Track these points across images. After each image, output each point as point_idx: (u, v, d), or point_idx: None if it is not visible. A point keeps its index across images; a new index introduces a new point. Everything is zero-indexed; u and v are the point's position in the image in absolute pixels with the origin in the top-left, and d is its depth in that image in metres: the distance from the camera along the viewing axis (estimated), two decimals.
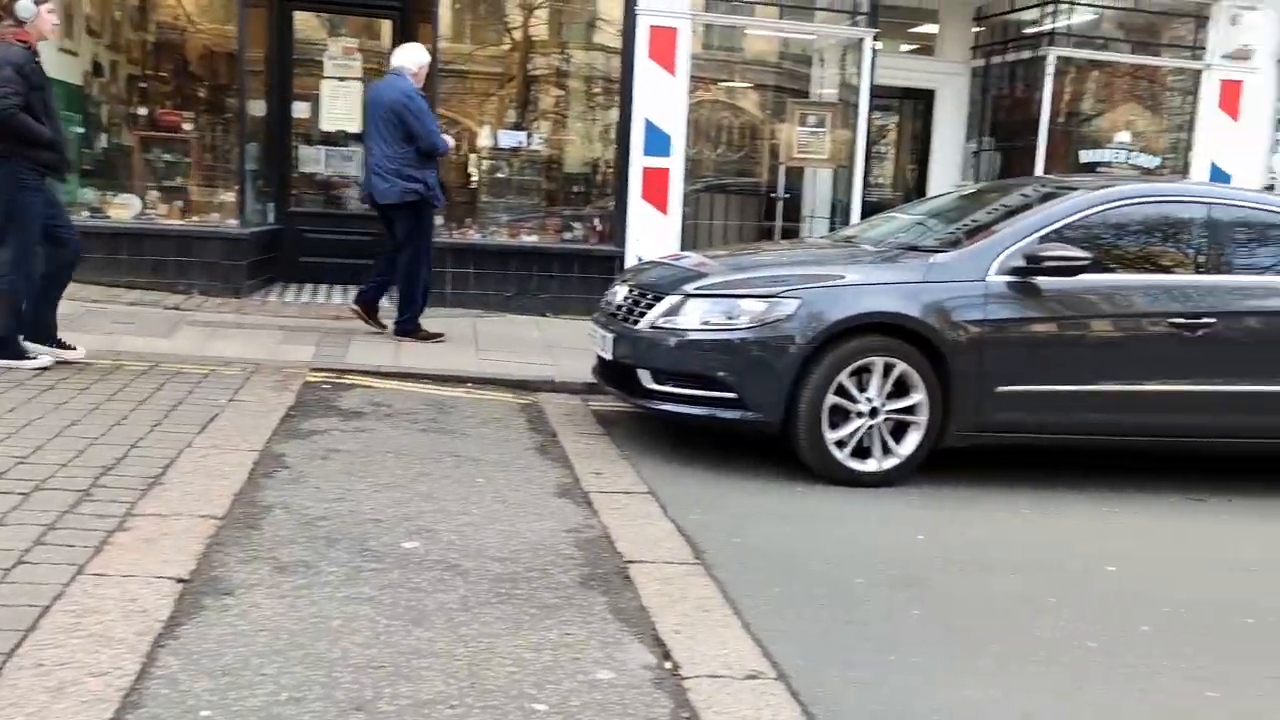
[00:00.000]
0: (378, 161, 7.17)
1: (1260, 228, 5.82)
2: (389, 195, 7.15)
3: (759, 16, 10.30)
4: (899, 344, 5.10)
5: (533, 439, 5.47)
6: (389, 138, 7.10)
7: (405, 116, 7.04)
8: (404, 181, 7.10)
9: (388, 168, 7.12)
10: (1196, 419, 5.47)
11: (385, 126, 7.10)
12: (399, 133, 7.08)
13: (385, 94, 7.13)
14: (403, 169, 7.10)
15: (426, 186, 7.18)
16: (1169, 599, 3.94)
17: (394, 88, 7.11)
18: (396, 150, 7.10)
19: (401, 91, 7.07)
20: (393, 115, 7.06)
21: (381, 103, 7.11)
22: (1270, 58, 10.27)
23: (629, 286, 5.73)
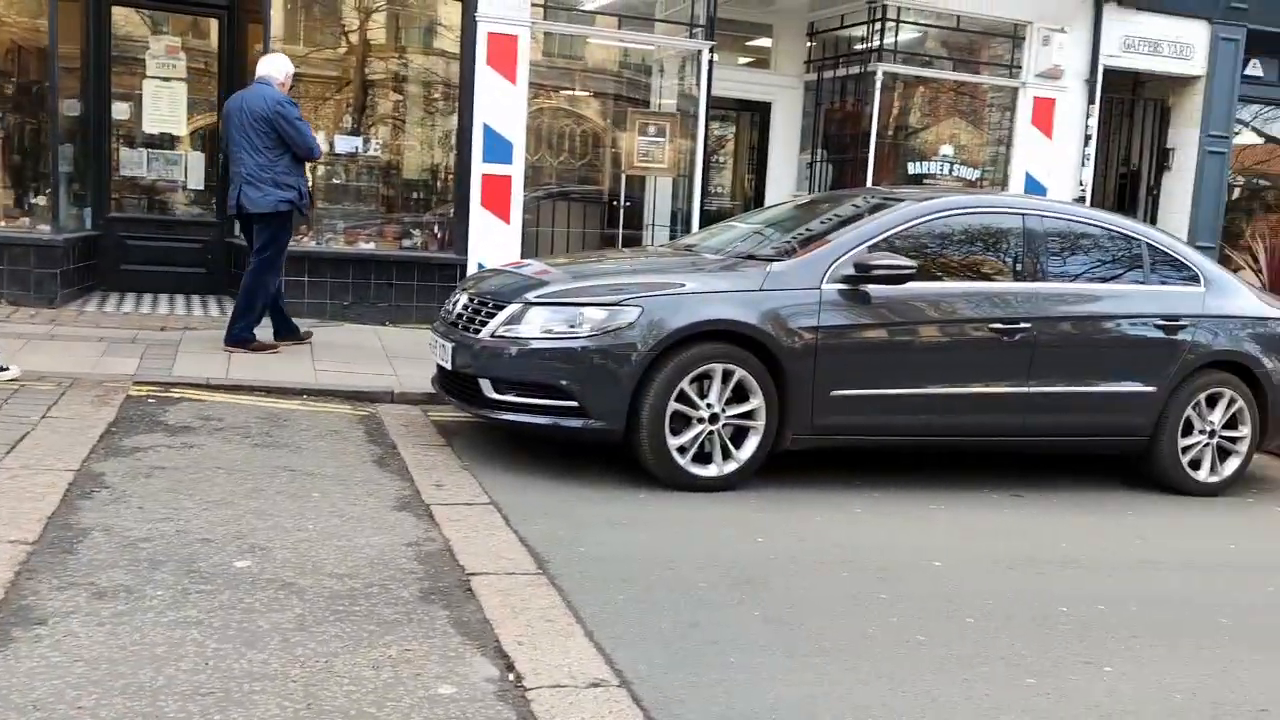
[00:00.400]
0: (249, 171, 7.06)
1: (1072, 237, 6.18)
2: (262, 204, 7.06)
3: (599, 26, 10.36)
4: (738, 351, 5.20)
5: (371, 451, 5.35)
6: (260, 146, 7.03)
7: (279, 124, 7.00)
8: (278, 190, 7.04)
9: (261, 176, 7.04)
10: (1016, 419, 5.76)
11: (255, 135, 7.02)
12: (270, 141, 7.02)
13: (254, 103, 7.05)
14: (277, 177, 7.05)
15: (300, 195, 7.16)
16: (991, 592, 4.14)
17: (263, 96, 7.06)
18: (269, 158, 7.04)
19: (273, 100, 7.03)
20: (264, 124, 7.01)
21: (250, 111, 7.03)
22: (1078, 77, 10.93)
23: (469, 295, 5.67)
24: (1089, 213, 6.86)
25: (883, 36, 10.36)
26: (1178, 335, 5.99)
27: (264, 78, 7.20)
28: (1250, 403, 6.15)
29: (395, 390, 6.53)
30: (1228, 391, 6.11)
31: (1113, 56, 10.97)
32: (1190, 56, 11.24)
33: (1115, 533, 5.23)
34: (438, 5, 9.71)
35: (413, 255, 9.38)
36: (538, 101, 10.57)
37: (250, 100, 7.10)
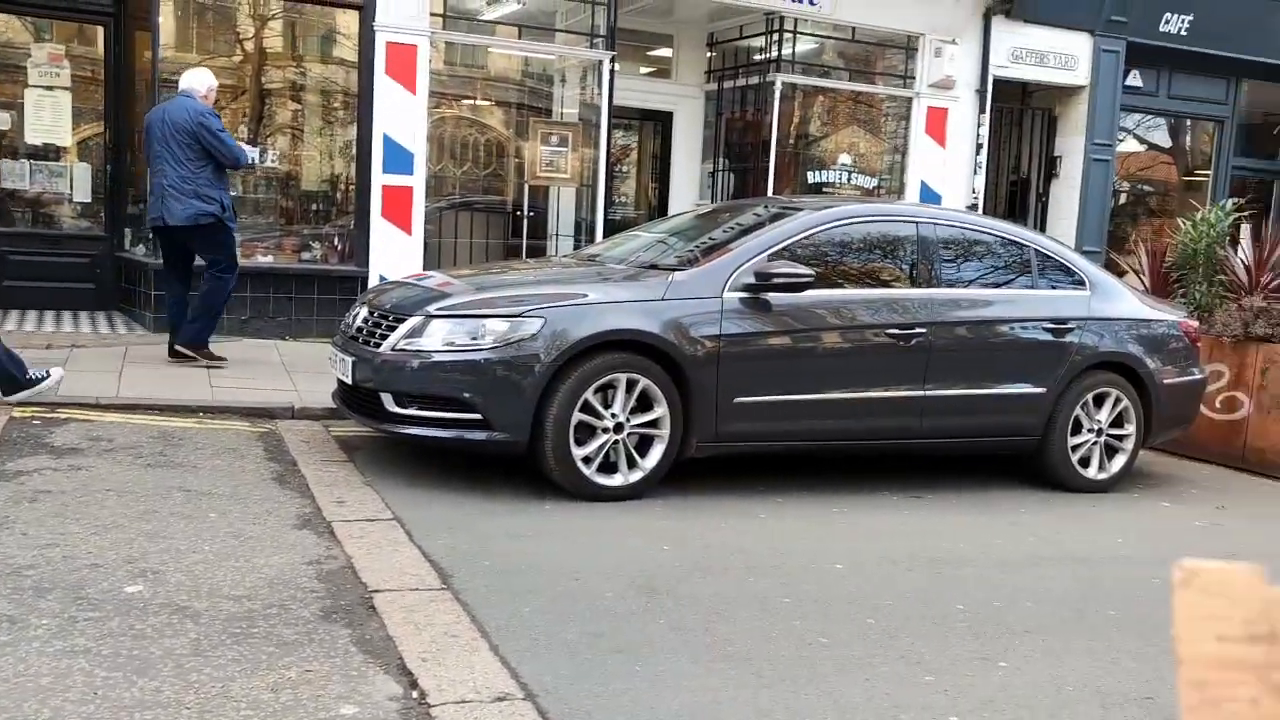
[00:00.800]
0: (171, 183, 7.04)
1: (964, 244, 6.36)
2: (182, 216, 7.05)
3: (499, 36, 10.33)
4: (641, 360, 5.23)
5: (270, 469, 5.24)
6: (182, 159, 7.02)
7: (203, 136, 7.01)
8: (199, 202, 7.04)
9: (183, 189, 7.03)
10: (914, 421, 5.89)
11: (178, 147, 7.02)
12: (193, 153, 7.03)
13: (176, 115, 7.05)
14: (200, 189, 7.04)
15: (222, 207, 7.14)
16: (891, 592, 4.23)
17: (186, 109, 7.07)
18: (192, 170, 7.04)
19: (197, 112, 7.05)
20: (187, 136, 7.01)
21: (173, 123, 7.04)
22: (969, 87, 11.25)
23: (370, 308, 5.61)
24: (980, 220, 7.08)
25: (780, 47, 10.52)
26: (1065, 338, 6.20)
27: (186, 90, 7.21)
28: (1135, 402, 6.39)
29: (295, 406, 6.42)
30: (1114, 391, 6.34)
31: (1002, 67, 11.32)
32: (1075, 67, 11.66)
33: (1009, 531, 5.39)
34: (335, 14, 9.57)
35: (312, 268, 9.22)
36: (439, 111, 10.50)
37: (173, 113, 7.08)
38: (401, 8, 8.83)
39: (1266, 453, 7.31)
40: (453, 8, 9.69)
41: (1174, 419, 6.63)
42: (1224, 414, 7.55)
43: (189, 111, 7.01)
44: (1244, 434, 7.45)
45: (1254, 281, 7.79)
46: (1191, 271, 8.18)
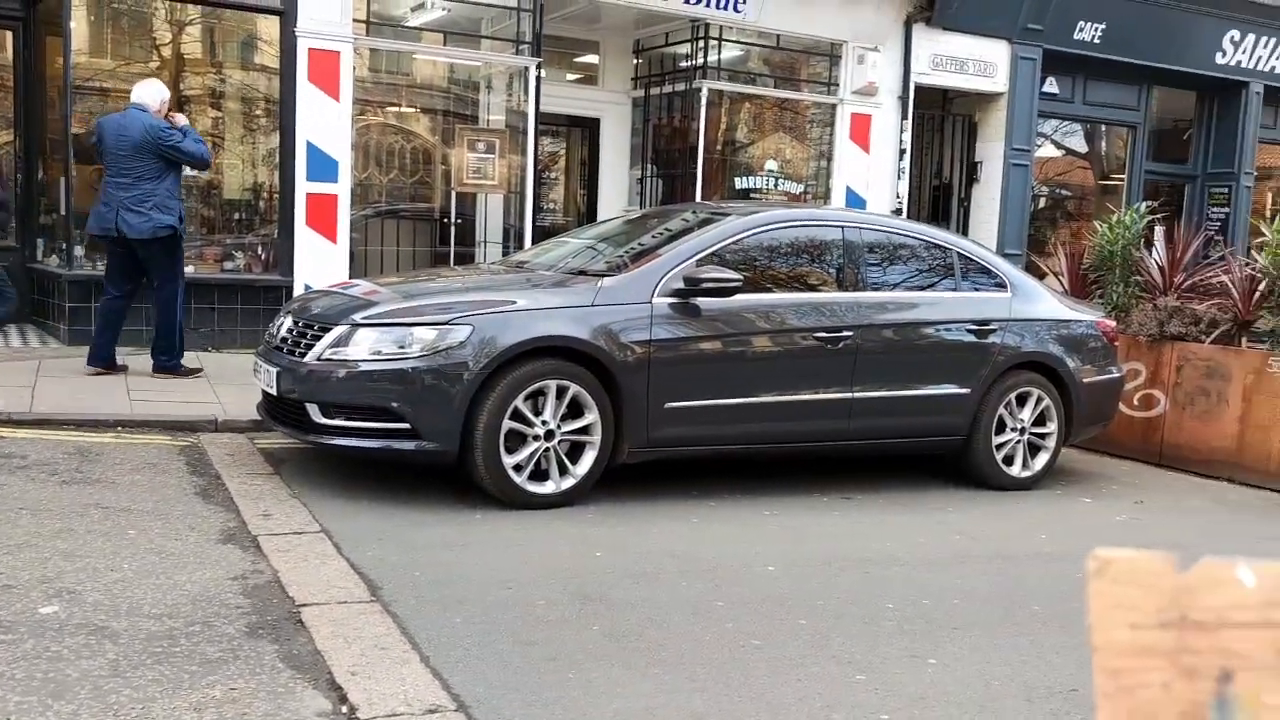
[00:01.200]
0: (130, 197, 7.01)
1: (889, 248, 6.45)
2: (143, 230, 7.03)
3: (424, 43, 10.25)
4: (571, 366, 5.21)
5: (193, 483, 5.12)
6: (142, 174, 7.02)
7: (164, 152, 7.05)
8: (160, 214, 7.05)
9: (144, 203, 7.02)
10: (842, 423, 5.95)
11: (137, 163, 7.02)
12: (152, 169, 7.04)
13: (132, 131, 7.04)
14: (160, 202, 7.06)
15: (180, 220, 7.19)
16: (823, 593, 4.27)
17: (141, 122, 7.06)
18: (152, 185, 7.05)
19: (152, 129, 7.06)
20: (144, 152, 7.02)
21: (129, 140, 7.03)
22: (892, 94, 11.43)
23: (294, 317, 5.51)
24: (904, 224, 7.18)
25: (706, 54, 10.59)
26: (988, 339, 6.31)
27: (139, 104, 7.19)
28: (1056, 400, 6.53)
29: (219, 418, 6.29)
30: (1035, 390, 6.48)
31: (923, 74, 11.52)
32: (993, 75, 11.90)
33: (937, 530, 5.47)
34: (256, 20, 9.41)
35: (235, 278, 9.05)
36: (364, 118, 10.39)
37: (128, 128, 7.06)
38: (323, 14, 8.71)
39: (1182, 448, 7.52)
40: (376, 14, 9.60)
41: (1094, 417, 6.79)
42: (1141, 411, 7.75)
43: (145, 128, 7.02)
44: (1161, 430, 7.65)
45: (1168, 282, 8.02)
46: (1108, 273, 8.39)
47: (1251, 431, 7.15)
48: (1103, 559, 0.57)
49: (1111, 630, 0.56)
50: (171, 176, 7.12)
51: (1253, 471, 7.13)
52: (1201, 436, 7.42)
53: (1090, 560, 0.57)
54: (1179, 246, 8.13)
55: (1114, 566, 0.57)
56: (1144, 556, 0.56)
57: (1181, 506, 6.49)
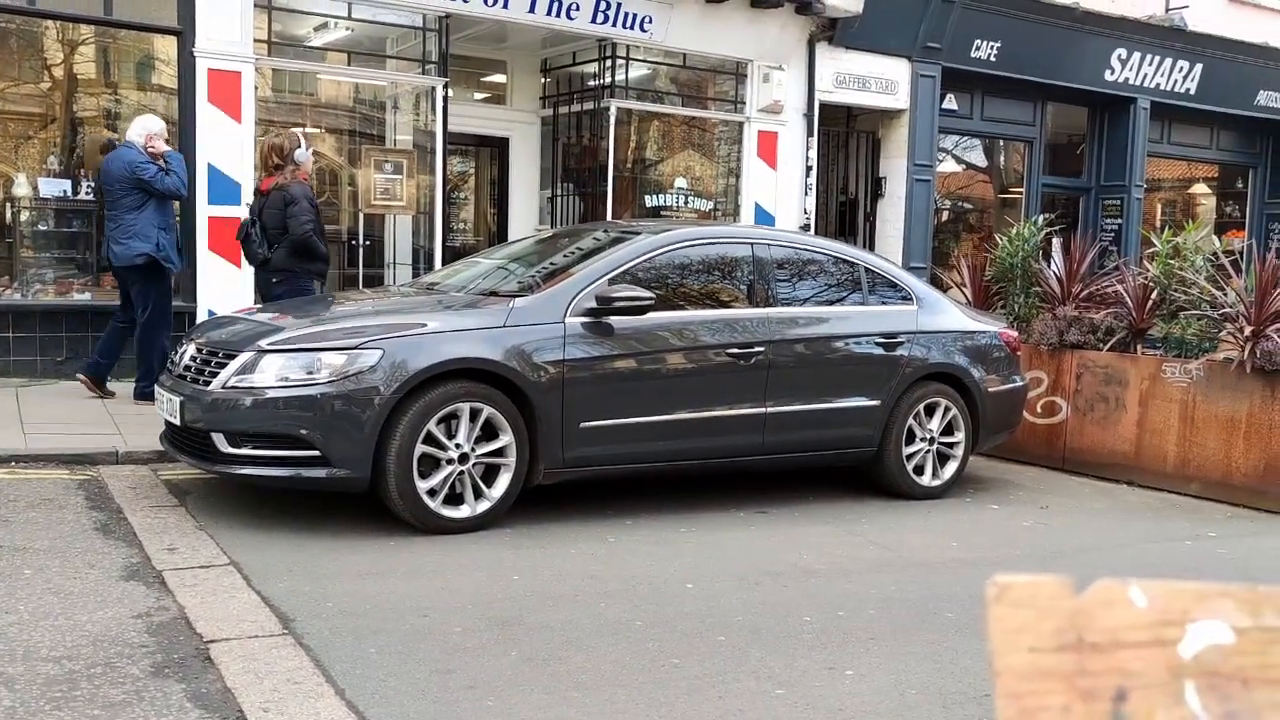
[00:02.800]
0: (115, 227, 7.46)
1: (798, 264, 6.54)
2: (124, 257, 7.41)
3: (328, 63, 10.12)
4: (484, 388, 5.17)
5: (93, 518, 4.95)
6: (126, 205, 7.39)
7: (140, 184, 7.37)
8: (137, 243, 7.37)
9: (126, 232, 7.39)
10: (756, 438, 6.00)
11: (121, 194, 7.40)
12: (133, 201, 7.38)
13: (115, 165, 7.45)
14: (139, 231, 7.38)
15: (157, 247, 7.41)
16: (740, 608, 4.29)
17: (123, 158, 7.43)
18: (132, 215, 7.39)
19: (130, 162, 7.39)
20: (124, 183, 7.37)
21: (111, 173, 7.45)
22: (797, 111, 11.61)
23: (198, 345, 5.38)
24: (812, 240, 7.29)
25: (614, 73, 10.64)
26: (896, 351, 6.43)
27: (127, 140, 7.61)
28: (963, 410, 6.68)
29: (120, 450, 6.09)
30: (943, 401, 6.61)
31: (827, 92, 11.73)
32: (895, 92, 12.17)
33: (851, 540, 5.54)
34: (153, 40, 9.19)
35: None
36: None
37: (112, 163, 7.49)
38: (223, 34, 8.54)
39: (1084, 453, 7.75)
40: (279, 34, 9.45)
41: (1000, 425, 6.96)
42: (1045, 418, 7.97)
43: (124, 161, 7.40)
44: (1063, 436, 7.88)
45: (1066, 292, 8.26)
46: (1009, 284, 8.61)
47: (1148, 435, 7.40)
48: (1002, 584, 0.58)
49: (1012, 654, 0.57)
50: (152, 207, 7.41)
51: (1150, 474, 7.38)
52: (1102, 441, 7.66)
53: (989, 586, 0.58)
54: (1076, 258, 8.38)
55: (1013, 591, 0.58)
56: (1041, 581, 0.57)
57: (1084, 510, 6.68)
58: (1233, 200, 16.71)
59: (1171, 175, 16.37)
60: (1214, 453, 7.08)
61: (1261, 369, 6.78)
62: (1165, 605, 0.55)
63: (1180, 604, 0.56)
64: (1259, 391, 6.85)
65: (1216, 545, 6.00)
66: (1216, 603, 0.56)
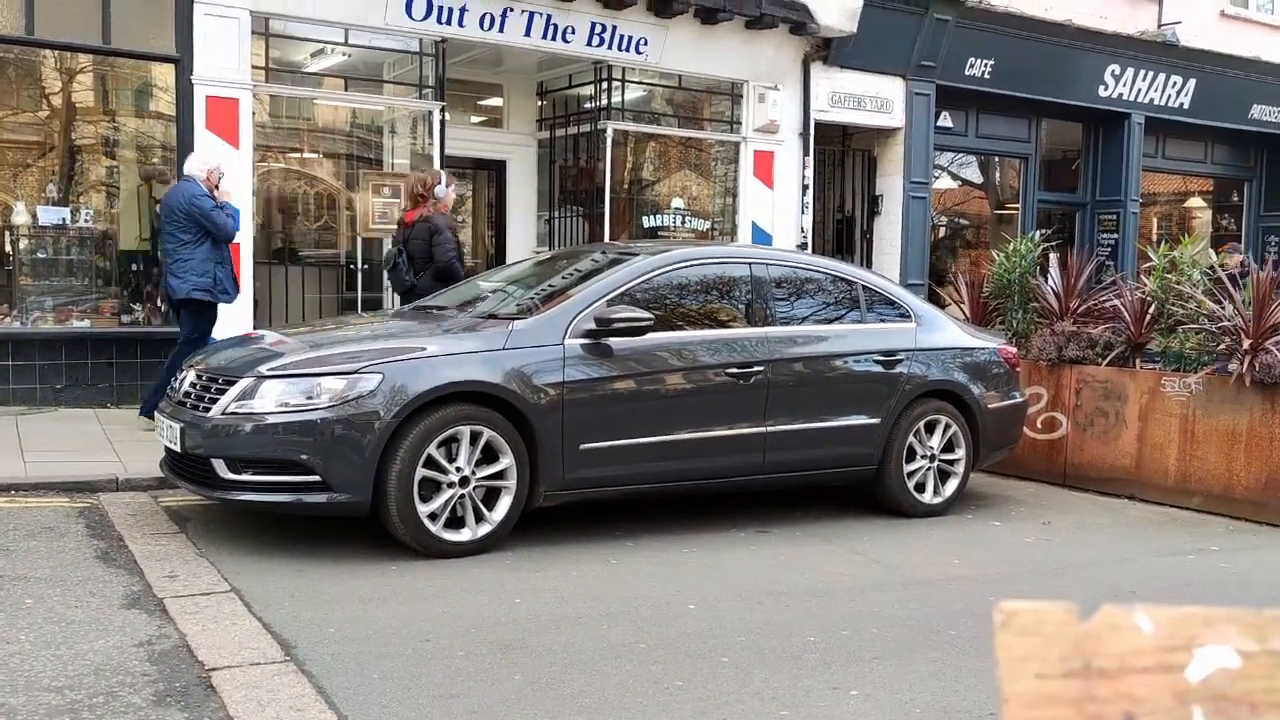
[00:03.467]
0: (172, 260, 7.54)
1: (796, 283, 6.55)
2: (180, 291, 7.50)
3: (326, 89, 10.16)
4: (484, 411, 5.17)
5: (94, 546, 4.94)
6: (183, 239, 7.49)
7: (197, 217, 7.44)
8: (195, 278, 7.48)
9: (182, 266, 7.48)
10: (757, 458, 6.00)
11: (177, 229, 7.48)
12: (191, 235, 7.47)
13: (175, 199, 7.54)
14: (196, 266, 7.48)
15: (214, 282, 7.55)
16: (743, 629, 4.28)
17: (183, 192, 7.52)
18: (190, 250, 7.48)
19: (191, 195, 7.47)
20: (184, 217, 7.46)
21: (170, 206, 7.53)
22: (793, 131, 11.65)
23: (198, 371, 5.38)
24: (809, 259, 7.31)
25: (610, 95, 10.68)
26: (895, 369, 6.44)
27: (188, 174, 7.67)
28: (963, 426, 6.68)
29: (120, 477, 6.09)
30: (943, 418, 6.61)
31: (822, 111, 11.77)
32: (890, 110, 12.22)
33: (853, 559, 5.53)
34: (150, 67, 9.23)
35: (134, 331, 8.80)
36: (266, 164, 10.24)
37: (172, 196, 7.60)
38: (221, 61, 8.58)
39: (1085, 468, 7.75)
40: (276, 60, 9.49)
41: (1000, 441, 6.96)
42: (1045, 434, 7.97)
43: (184, 195, 7.50)
44: (1064, 452, 7.87)
45: (1064, 307, 8.28)
46: (1007, 300, 8.63)
47: (1149, 450, 7.40)
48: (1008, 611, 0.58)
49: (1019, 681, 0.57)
50: (208, 244, 7.50)
51: (1152, 488, 7.37)
52: (1102, 456, 7.65)
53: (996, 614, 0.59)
54: (1073, 273, 8.41)
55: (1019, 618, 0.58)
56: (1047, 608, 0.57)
57: (1086, 526, 6.67)
58: (1228, 213, 16.76)
59: (1167, 189, 16.42)
60: (1215, 466, 7.08)
61: (1261, 382, 6.79)
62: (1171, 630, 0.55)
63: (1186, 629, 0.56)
64: (1259, 405, 6.86)
65: (1219, 559, 5.99)
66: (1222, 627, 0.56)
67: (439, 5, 9.29)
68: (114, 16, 8.45)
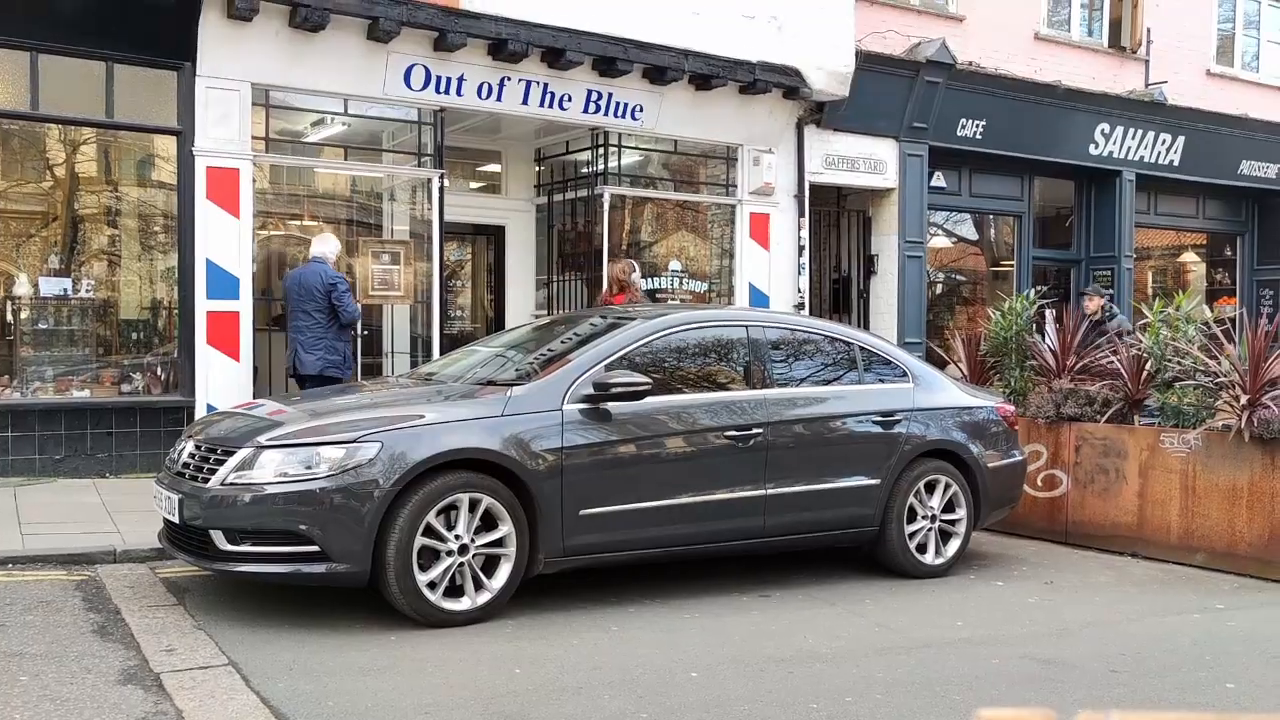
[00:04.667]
0: (305, 338, 8.21)
1: (794, 345, 6.58)
2: (312, 367, 8.13)
3: (325, 157, 10.28)
4: (483, 478, 5.17)
5: (90, 620, 4.91)
6: (316, 319, 8.17)
7: (332, 299, 8.19)
8: (326, 354, 8.20)
9: (316, 344, 8.18)
10: (757, 521, 5.97)
11: (312, 308, 8.18)
12: (322, 314, 8.18)
13: (310, 280, 8.27)
14: (330, 344, 8.23)
15: (343, 360, 8.28)
16: (747, 696, 4.23)
17: (319, 274, 8.28)
18: (323, 329, 8.20)
19: (329, 277, 8.28)
20: (320, 298, 8.18)
21: (307, 286, 8.25)
22: (788, 193, 11.77)
23: (196, 441, 5.38)
24: (806, 321, 7.35)
25: (606, 161, 10.81)
26: (894, 429, 6.44)
27: (319, 256, 8.45)
28: (963, 486, 6.66)
29: (118, 549, 6.06)
30: (943, 478, 6.60)
31: (817, 173, 11.90)
32: (884, 171, 12.36)
33: (856, 622, 5.49)
34: (153, 139, 9.35)
35: (134, 400, 8.80)
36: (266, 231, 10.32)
37: (307, 277, 8.31)
38: (221, 132, 8.69)
39: (1087, 525, 7.71)
40: (276, 130, 9.61)
41: (1001, 500, 6.94)
42: (1045, 491, 7.95)
43: (321, 276, 8.25)
44: (1065, 509, 7.85)
45: (1061, 365, 8.30)
46: (1004, 358, 8.66)
47: (1150, 506, 7.38)
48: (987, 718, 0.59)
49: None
50: (338, 323, 8.26)
51: (1154, 545, 7.34)
52: (1104, 513, 7.63)
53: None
54: (1069, 330, 8.44)
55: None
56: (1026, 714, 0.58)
57: (1090, 584, 6.62)
58: (1222, 267, 16.86)
59: (1161, 244, 16.54)
60: (1217, 522, 7.05)
61: (1260, 437, 6.79)
62: None
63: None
64: (1259, 460, 6.85)
65: (1225, 617, 5.95)
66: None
67: (437, 75, 9.44)
68: (117, 90, 8.58)
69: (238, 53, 8.65)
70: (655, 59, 10.15)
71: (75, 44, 8.30)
